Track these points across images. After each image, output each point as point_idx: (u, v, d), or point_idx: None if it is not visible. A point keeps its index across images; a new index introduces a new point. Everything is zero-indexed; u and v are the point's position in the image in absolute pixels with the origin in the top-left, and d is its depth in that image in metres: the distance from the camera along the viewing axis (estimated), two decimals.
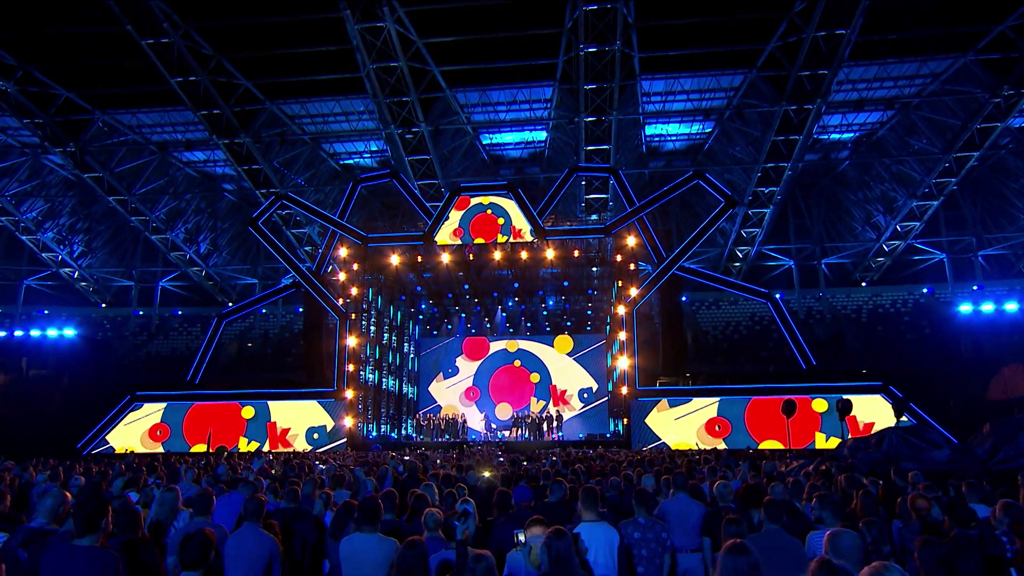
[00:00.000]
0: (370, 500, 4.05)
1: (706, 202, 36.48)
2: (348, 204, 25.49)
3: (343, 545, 3.94)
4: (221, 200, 38.43)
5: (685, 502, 5.09)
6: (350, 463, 12.61)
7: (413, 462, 9.08)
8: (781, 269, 39.08)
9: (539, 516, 3.75)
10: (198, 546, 3.17)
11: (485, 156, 35.00)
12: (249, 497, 4.39)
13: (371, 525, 3.98)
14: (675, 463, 11.24)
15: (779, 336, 33.66)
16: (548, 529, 3.32)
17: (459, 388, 32.47)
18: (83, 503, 3.43)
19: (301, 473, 8.94)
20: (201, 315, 41.57)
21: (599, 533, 3.94)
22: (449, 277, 28.68)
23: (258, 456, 13.40)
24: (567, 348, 32.61)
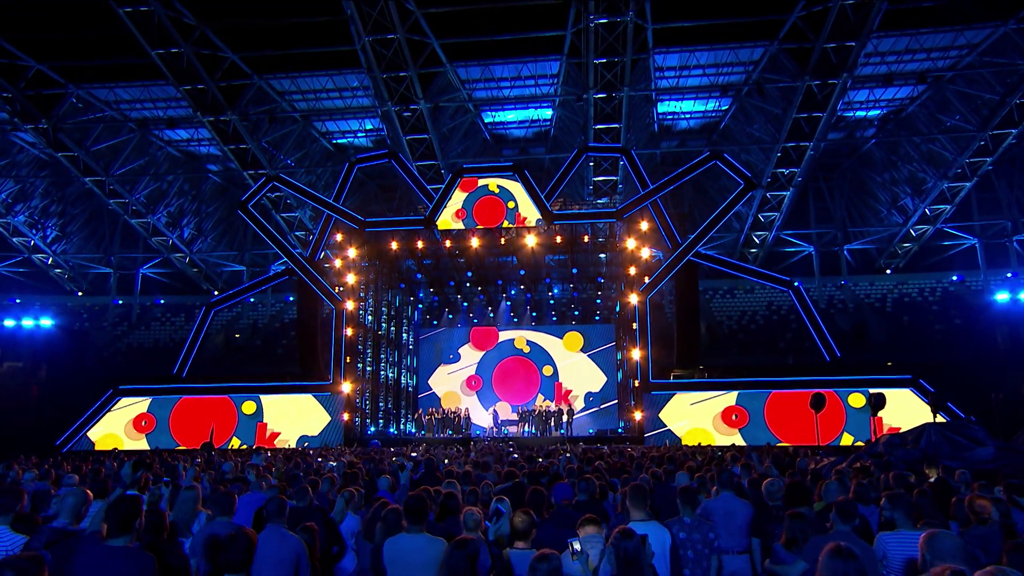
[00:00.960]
0: (416, 499, 4.09)
1: (721, 184, 36.48)
2: (344, 186, 25.41)
3: (388, 547, 3.98)
4: (206, 182, 38.33)
5: (731, 501, 5.13)
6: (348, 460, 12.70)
7: (430, 458, 9.15)
8: (800, 255, 39.13)
9: (591, 515, 3.80)
10: (244, 548, 3.22)
11: (487, 136, 34.92)
12: (271, 497, 4.44)
13: (418, 525, 4.03)
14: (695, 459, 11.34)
15: (798, 326, 33.90)
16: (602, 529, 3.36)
17: (460, 376, 32.66)
18: (116, 502, 3.47)
19: (310, 471, 9.01)
20: (185, 304, 41.63)
21: (651, 533, 3.98)
22: (450, 264, 28.68)
23: (256, 453, 13.49)
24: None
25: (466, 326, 33.32)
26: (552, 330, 33.28)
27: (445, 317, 33.33)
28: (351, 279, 25.68)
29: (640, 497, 4.26)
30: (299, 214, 35.76)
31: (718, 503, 5.14)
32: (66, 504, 4.13)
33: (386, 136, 33.95)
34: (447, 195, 24.86)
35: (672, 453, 12.45)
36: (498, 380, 32.67)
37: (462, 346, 33.18)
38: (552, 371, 32.36)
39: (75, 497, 4.17)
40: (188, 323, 39.71)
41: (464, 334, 33.30)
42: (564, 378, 32.34)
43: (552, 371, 32.36)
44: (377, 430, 26.69)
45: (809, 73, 25.69)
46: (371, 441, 23.12)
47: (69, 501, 4.14)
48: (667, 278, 24.36)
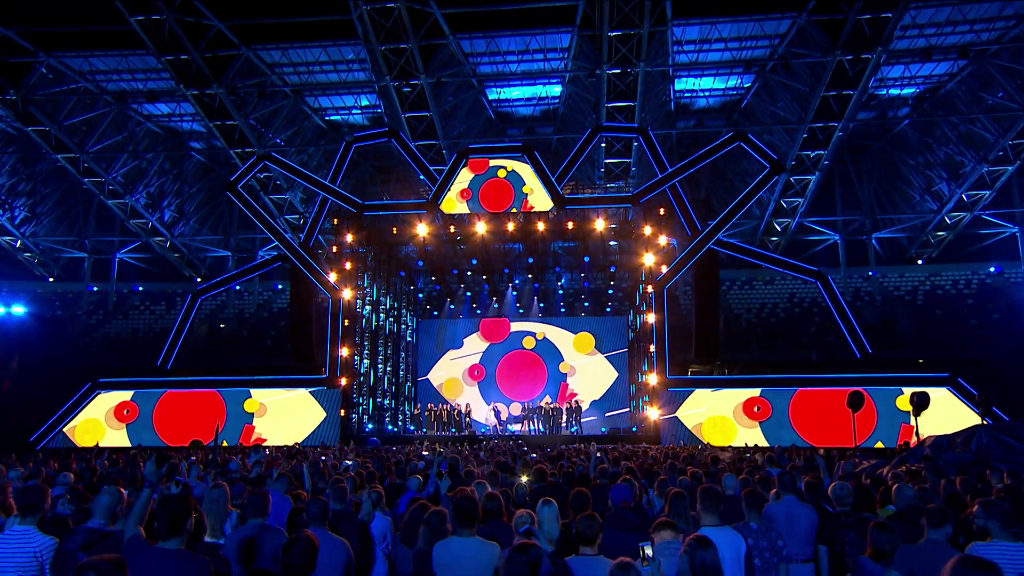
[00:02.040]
0: (467, 500, 4.12)
1: (741, 168, 36.45)
2: (341, 167, 25.38)
3: (438, 551, 4.01)
4: (188, 160, 38.18)
5: (794, 506, 5.15)
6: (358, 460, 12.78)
7: (454, 457, 9.20)
8: (825, 244, 39.18)
9: (666, 518, 3.82)
10: (307, 552, 3.25)
11: (491, 113, 34.80)
12: (312, 499, 4.47)
13: (469, 528, 4.07)
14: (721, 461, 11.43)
15: (822, 320, 34.04)
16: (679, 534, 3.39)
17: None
18: (167, 502, 3.49)
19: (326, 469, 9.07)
20: (165, 291, 41.61)
21: (724, 539, 4.00)
22: (453, 251, 28.70)
23: (255, 450, 13.55)
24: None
25: (469, 317, 33.39)
26: (562, 322, 33.39)
27: (447, 308, 33.37)
28: (347, 266, 25.68)
29: (713, 501, 4.28)
30: (289, 196, 35.68)
31: (779, 508, 5.16)
32: (101, 504, 4.15)
33: (383, 113, 33.81)
34: (451, 177, 24.83)
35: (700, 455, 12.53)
36: (502, 373, 32.81)
37: (467, 337, 33.29)
38: (569, 368, 32.47)
39: (110, 496, 4.19)
40: (169, 312, 39.75)
41: (468, 325, 33.39)
42: (571, 379, 32.48)
43: (569, 368, 32.47)
44: (375, 427, 26.79)
45: (840, 47, 25.58)
46: (369, 439, 23.22)
47: (104, 500, 4.16)
48: (686, 267, 24.44)
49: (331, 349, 24.22)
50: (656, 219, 25.33)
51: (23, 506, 4.25)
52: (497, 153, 25.46)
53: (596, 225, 25.78)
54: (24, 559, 4.02)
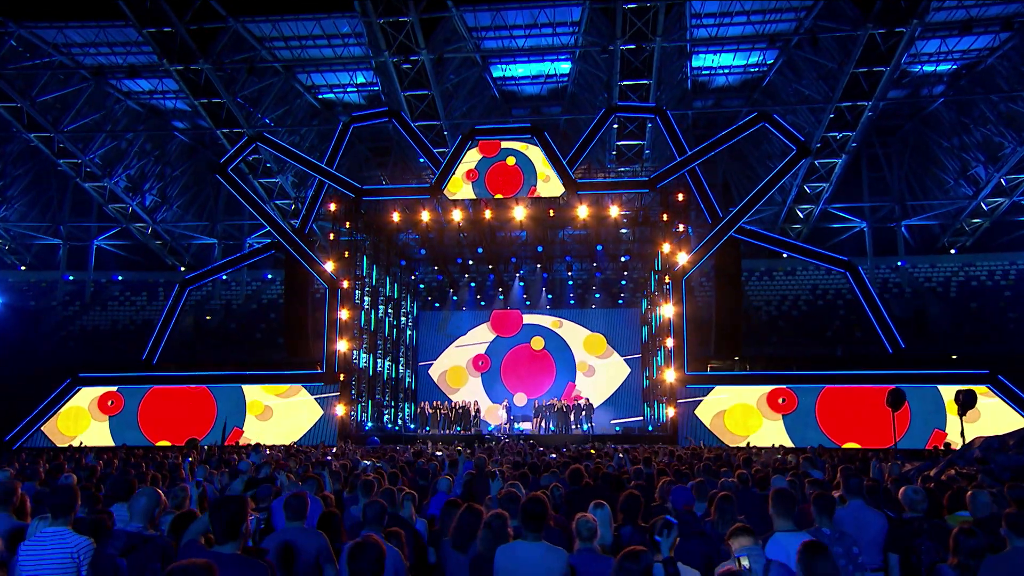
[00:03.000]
0: (536, 502, 4.14)
1: (762, 151, 36.44)
2: (339, 149, 25.34)
3: (501, 556, 4.03)
4: (171, 141, 38.05)
5: (862, 510, 5.17)
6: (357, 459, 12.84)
7: (481, 457, 9.25)
8: (851, 232, 39.21)
9: (742, 523, 3.85)
10: (375, 558, 3.27)
11: (495, 92, 34.70)
12: (369, 501, 4.49)
13: (537, 532, 4.09)
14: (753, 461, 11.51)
15: (847, 313, 34.14)
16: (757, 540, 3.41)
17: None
18: (223, 505, 3.52)
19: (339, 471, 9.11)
20: (146, 281, 41.61)
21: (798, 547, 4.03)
22: (457, 238, 28.72)
23: (256, 450, 13.60)
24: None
25: (473, 309, 33.47)
26: (573, 315, 33.45)
27: (450, 299, 33.43)
28: (346, 255, 25.69)
29: (788, 504, 4.30)
30: (280, 180, 35.58)
31: (847, 513, 5.16)
32: (138, 506, 4.18)
33: (380, 92, 33.69)
34: (456, 160, 24.80)
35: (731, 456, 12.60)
36: (508, 367, 32.96)
37: (472, 329, 33.42)
38: (587, 368, 32.59)
39: (147, 498, 4.21)
40: (151, 303, 39.75)
41: (472, 318, 33.47)
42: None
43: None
44: (375, 426, 26.88)
45: (872, 20, 25.47)
46: (370, 438, 23.30)
47: (142, 502, 4.19)
48: (706, 256, 24.47)
49: (328, 343, 24.25)
50: (674, 205, 25.35)
51: (55, 507, 4.28)
52: (505, 134, 25.42)
53: (610, 212, 25.76)
54: (60, 560, 4.06)
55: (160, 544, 3.90)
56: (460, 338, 33.49)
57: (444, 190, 24.82)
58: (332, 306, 24.51)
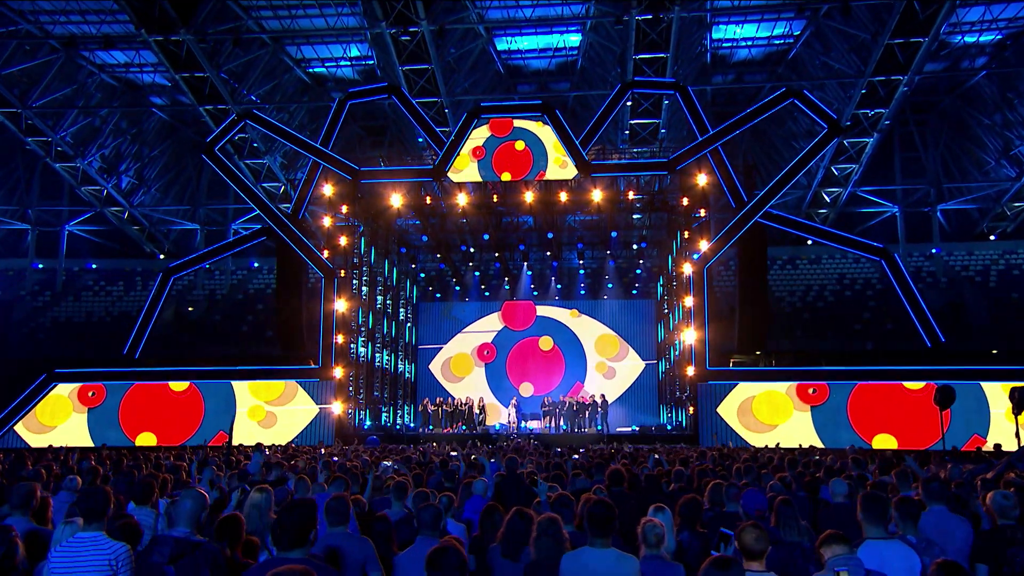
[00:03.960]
0: (604, 506, 4.17)
1: (785, 130, 36.45)
2: (334, 127, 25.25)
3: (568, 564, 4.06)
4: (149, 118, 37.93)
5: (945, 517, 5.15)
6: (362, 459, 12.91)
7: (512, 457, 9.29)
8: (881, 217, 39.28)
9: (834, 531, 3.88)
10: (457, 565, 3.32)
11: (500, 67, 34.63)
12: (424, 505, 4.53)
13: (605, 538, 4.12)
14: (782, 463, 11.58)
15: (877, 304, 34.28)
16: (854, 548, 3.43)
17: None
18: (293, 510, 3.55)
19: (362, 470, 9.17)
20: (123, 269, 41.59)
21: (894, 555, 4.03)
22: (460, 224, 28.74)
23: (258, 450, 13.66)
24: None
25: (476, 300, 33.54)
26: (585, 306, 33.56)
27: (452, 289, 33.48)
28: (343, 242, 25.71)
29: (879, 509, 4.33)
30: (267, 161, 35.51)
31: (928, 519, 5.12)
32: (183, 509, 4.21)
33: (376, 66, 33.59)
34: (461, 140, 24.77)
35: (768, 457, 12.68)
36: (515, 360, 33.08)
37: (480, 319, 33.53)
38: (606, 369, 32.71)
39: (193, 501, 4.25)
40: (128, 293, 39.75)
41: (477, 309, 33.55)
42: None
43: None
44: (374, 424, 26.98)
45: None
46: (369, 438, 23.40)
47: (187, 505, 4.22)
48: (729, 243, 24.51)
49: (324, 336, 24.29)
50: (694, 189, 25.35)
51: (87, 511, 4.32)
52: (513, 112, 25.38)
53: (626, 196, 25.80)
54: (97, 567, 4.09)
55: (210, 550, 3.93)
56: (469, 325, 33.76)
57: (448, 173, 24.78)
58: (328, 296, 24.53)
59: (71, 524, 4.67)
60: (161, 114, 37.87)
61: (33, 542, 5.13)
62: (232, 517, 4.52)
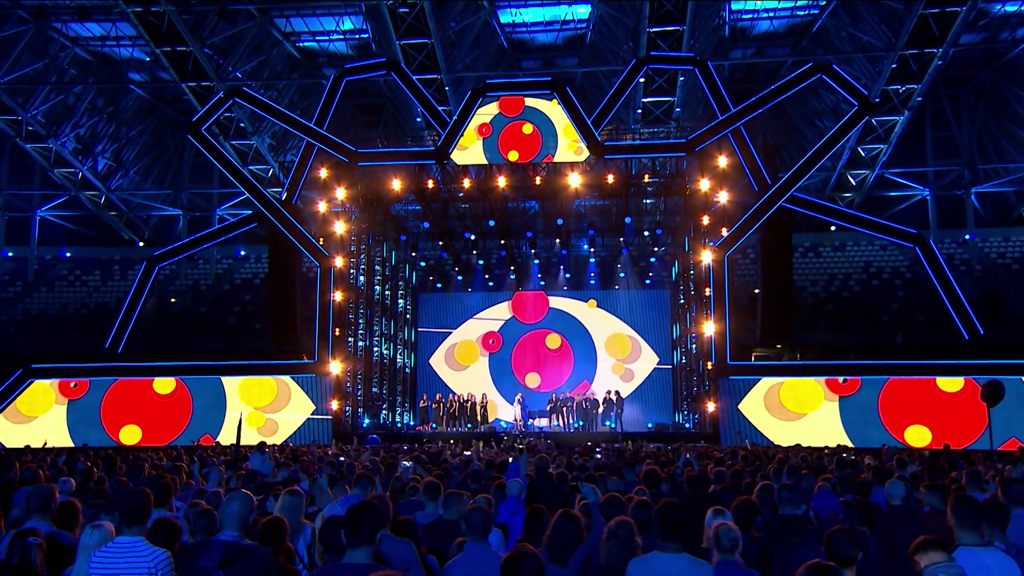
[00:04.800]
0: (674, 508, 4.23)
1: (809, 107, 36.40)
2: (329, 106, 25.27)
3: (636, 570, 4.11)
4: (127, 96, 37.79)
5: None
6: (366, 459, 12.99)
7: (543, 458, 9.37)
8: (911, 201, 39.25)
9: (931, 536, 3.90)
10: (535, 570, 3.37)
11: (503, 41, 34.53)
12: (473, 507, 4.59)
13: (676, 542, 4.18)
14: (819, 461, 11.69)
15: (907, 295, 34.37)
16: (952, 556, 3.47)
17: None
18: (363, 508, 3.61)
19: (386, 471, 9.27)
20: (99, 258, 41.57)
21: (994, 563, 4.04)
22: (464, 210, 28.80)
23: (260, 450, 13.74)
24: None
25: (480, 290, 33.64)
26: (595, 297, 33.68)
27: (454, 279, 33.55)
28: (339, 228, 25.74)
29: (973, 513, 4.34)
30: (255, 142, 35.45)
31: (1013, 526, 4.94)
32: (231, 512, 4.26)
33: (371, 39, 33.48)
34: (465, 120, 24.80)
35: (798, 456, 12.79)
36: (521, 352, 33.22)
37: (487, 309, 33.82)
38: (623, 371, 32.87)
39: (241, 503, 4.30)
40: (105, 283, 39.75)
41: (482, 300, 33.64)
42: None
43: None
44: (373, 422, 27.11)
45: None
46: (368, 437, 23.50)
47: (234, 508, 4.27)
48: (752, 229, 24.61)
49: (320, 329, 24.38)
50: (714, 171, 25.41)
51: (127, 513, 4.37)
52: (521, 90, 25.40)
53: (642, 179, 25.87)
54: (137, 574, 4.16)
55: (260, 555, 3.99)
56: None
57: (451, 155, 24.82)
58: (324, 287, 24.61)
59: (99, 528, 4.72)
60: (140, 91, 37.72)
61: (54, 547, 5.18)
62: (276, 521, 4.59)
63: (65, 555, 5.21)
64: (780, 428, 22.91)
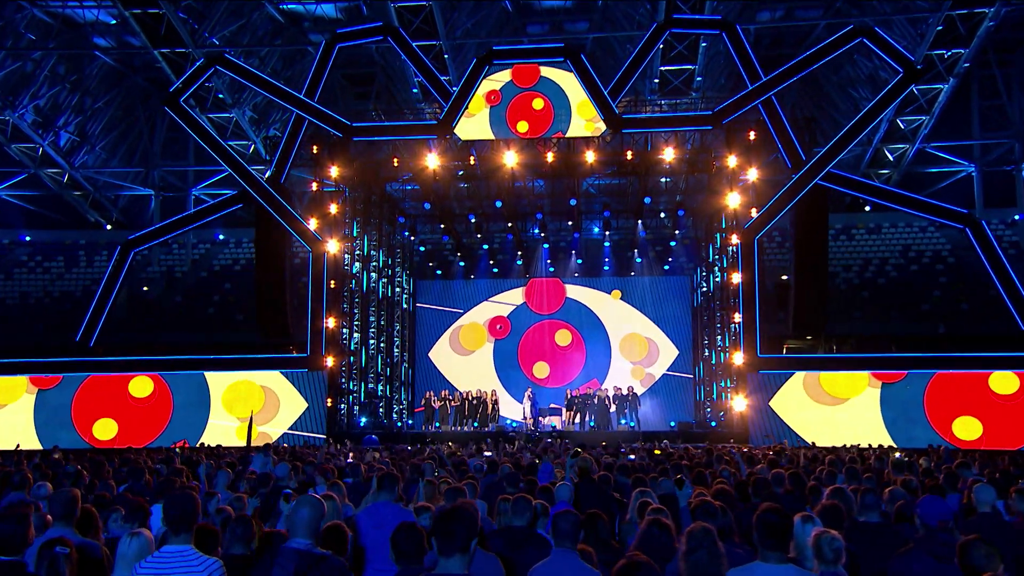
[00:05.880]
0: (774, 512, 4.28)
1: (843, 75, 36.36)
2: (320, 75, 25.26)
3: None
4: (92, 63, 37.60)
5: None
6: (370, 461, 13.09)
7: (586, 458, 9.46)
8: (954, 178, 39.27)
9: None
10: None
11: (507, 3, 34.46)
12: (563, 513, 4.65)
13: (780, 551, 4.22)
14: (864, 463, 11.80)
15: (950, 281, 34.45)
16: None
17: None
18: (455, 513, 3.67)
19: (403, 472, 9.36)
20: (62, 242, 41.55)
21: None
22: (467, 190, 28.87)
23: (263, 452, 13.85)
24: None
25: (484, 277, 33.72)
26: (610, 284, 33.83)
27: (455, 265, 33.64)
28: (333, 210, 25.78)
29: None
30: (235, 115, 35.36)
31: None
32: (301, 518, 4.33)
33: (362, 2, 33.39)
34: (470, 91, 24.82)
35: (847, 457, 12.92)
36: (529, 342, 33.38)
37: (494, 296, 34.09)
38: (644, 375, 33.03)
39: (311, 508, 4.37)
40: (70, 270, 39.72)
41: (485, 288, 33.74)
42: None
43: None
44: (371, 421, 27.26)
45: None
46: (367, 437, 23.64)
47: (304, 514, 4.34)
48: (785, 209, 24.70)
49: (313, 319, 24.45)
50: (743, 146, 25.47)
51: (174, 519, 4.43)
52: (531, 57, 25.42)
53: (664, 155, 25.87)
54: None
55: (336, 565, 4.06)
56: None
57: (455, 129, 24.85)
58: (316, 274, 24.66)
59: (138, 536, 4.78)
60: (107, 58, 37.47)
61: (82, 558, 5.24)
62: (338, 527, 4.67)
63: (94, 567, 5.27)
64: (815, 427, 23.03)
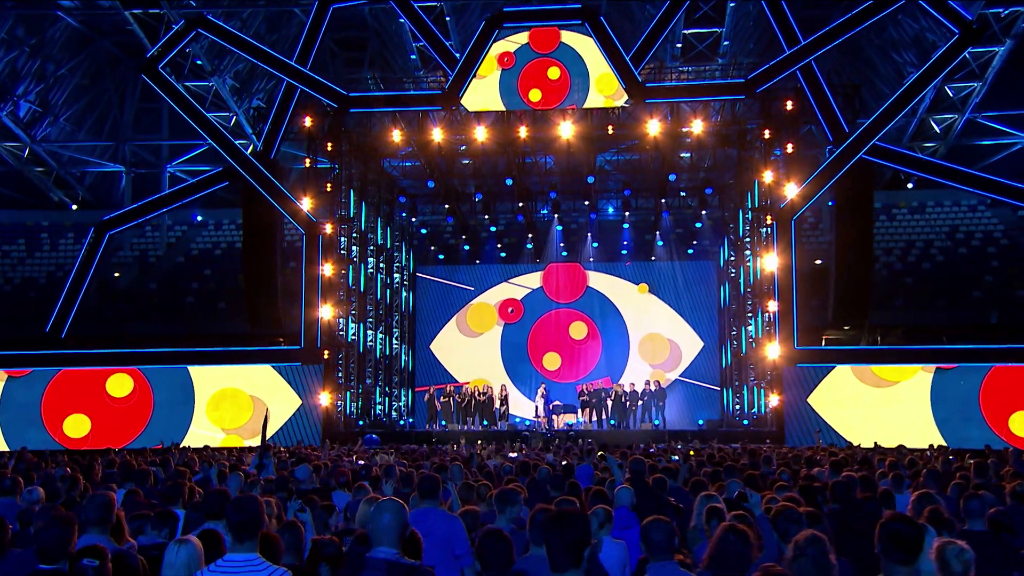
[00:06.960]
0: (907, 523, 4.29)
1: (884, 39, 36.31)
2: (313, 41, 25.34)
3: None
4: (55, 25, 37.50)
5: None
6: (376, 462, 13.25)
7: (637, 459, 9.59)
8: (1006, 152, 39.26)
9: None
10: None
11: None
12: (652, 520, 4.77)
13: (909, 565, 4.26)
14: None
15: (1003, 265, 34.48)
16: None
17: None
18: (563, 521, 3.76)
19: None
20: (23, 224, 41.60)
21: None
22: (473, 167, 28.96)
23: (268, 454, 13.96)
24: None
25: (491, 262, 33.87)
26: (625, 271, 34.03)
27: (460, 249, 33.78)
28: (327, 188, 25.93)
29: None
30: (215, 83, 35.33)
31: None
32: (383, 524, 4.41)
33: None
34: (477, 58, 24.88)
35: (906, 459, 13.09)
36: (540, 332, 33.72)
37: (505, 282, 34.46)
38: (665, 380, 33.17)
39: (393, 514, 4.46)
40: (32, 254, 39.79)
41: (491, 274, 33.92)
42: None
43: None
44: (370, 420, 27.46)
45: None
46: (367, 436, 23.83)
47: (386, 520, 4.43)
48: (826, 187, 24.85)
49: (308, 309, 24.58)
50: (779, 118, 25.56)
51: (237, 526, 4.52)
52: (545, 19, 25.47)
53: (692, 127, 25.99)
54: None
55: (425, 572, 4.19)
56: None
57: (462, 99, 24.95)
58: (311, 258, 24.82)
59: (186, 544, 4.89)
60: (71, 20, 37.37)
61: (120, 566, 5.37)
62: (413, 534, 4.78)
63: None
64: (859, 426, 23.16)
